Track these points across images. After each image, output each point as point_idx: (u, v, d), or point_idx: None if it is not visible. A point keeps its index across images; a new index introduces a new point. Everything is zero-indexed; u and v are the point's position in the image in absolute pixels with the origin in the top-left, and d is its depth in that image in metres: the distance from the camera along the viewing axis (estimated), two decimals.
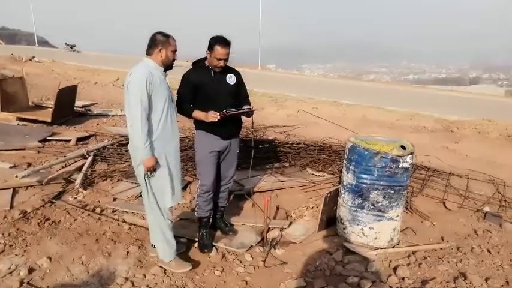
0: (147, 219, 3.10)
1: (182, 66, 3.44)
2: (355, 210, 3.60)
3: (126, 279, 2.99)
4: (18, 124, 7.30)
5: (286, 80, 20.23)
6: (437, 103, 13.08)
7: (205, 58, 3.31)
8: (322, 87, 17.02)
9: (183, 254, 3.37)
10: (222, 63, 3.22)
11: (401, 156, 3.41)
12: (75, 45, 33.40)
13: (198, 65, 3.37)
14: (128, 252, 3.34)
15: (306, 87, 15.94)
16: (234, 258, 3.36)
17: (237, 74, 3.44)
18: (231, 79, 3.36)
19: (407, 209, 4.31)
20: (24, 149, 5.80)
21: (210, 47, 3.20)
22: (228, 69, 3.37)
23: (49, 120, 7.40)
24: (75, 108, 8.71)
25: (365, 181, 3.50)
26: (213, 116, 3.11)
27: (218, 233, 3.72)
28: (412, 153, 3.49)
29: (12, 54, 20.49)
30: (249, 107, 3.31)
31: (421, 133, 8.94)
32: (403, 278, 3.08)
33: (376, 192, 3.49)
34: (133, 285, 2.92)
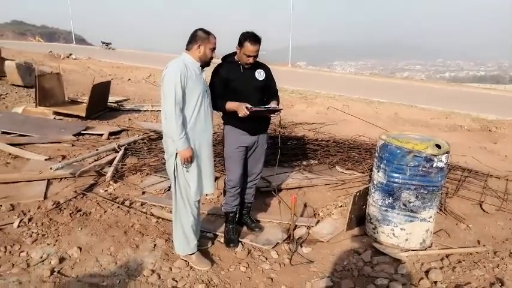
0: (172, 211, 3.12)
1: (214, 63, 3.43)
2: (386, 210, 3.49)
3: (153, 271, 3.01)
4: (55, 118, 7.55)
5: (316, 77, 19.99)
6: (474, 102, 12.57)
7: (235, 53, 3.29)
8: (353, 84, 16.71)
9: (208, 248, 3.37)
10: (251, 59, 3.18)
11: (435, 156, 3.27)
12: (110, 43, 34.34)
13: (228, 59, 3.35)
14: (155, 245, 3.37)
15: (336, 85, 15.71)
16: (260, 255, 3.32)
17: (267, 70, 3.40)
18: (260, 74, 3.32)
19: (441, 210, 4.15)
20: (59, 142, 5.99)
21: (240, 43, 3.17)
22: (257, 65, 3.33)
23: (83, 114, 7.61)
24: (108, 103, 8.92)
25: (396, 180, 3.38)
26: (243, 110, 3.07)
27: (244, 229, 3.69)
28: (447, 153, 3.34)
29: (50, 52, 21.29)
30: (275, 105, 3.26)
31: (457, 132, 8.62)
32: (435, 282, 2.94)
33: (408, 192, 3.36)
34: (159, 277, 2.94)
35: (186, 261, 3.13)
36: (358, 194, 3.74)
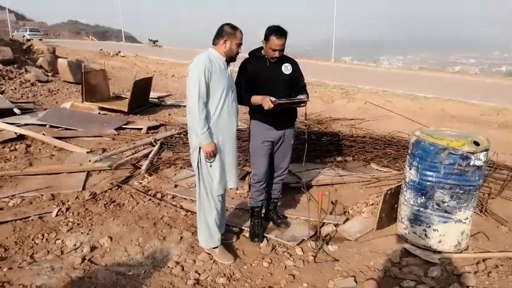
0: (196, 204, 3.16)
1: (241, 58, 3.43)
2: (418, 210, 3.33)
3: (177, 263, 3.07)
4: (99, 113, 7.90)
5: (360, 72, 19.50)
6: None
7: (262, 47, 3.27)
8: (399, 79, 16.11)
9: (233, 243, 3.39)
10: (277, 53, 3.15)
11: (473, 153, 3.07)
12: (157, 41, 35.50)
13: (255, 54, 3.33)
14: (181, 238, 3.43)
15: (381, 80, 15.23)
16: (284, 251, 3.29)
17: (294, 64, 3.35)
18: (286, 68, 3.28)
19: (481, 211, 3.91)
20: (101, 136, 6.27)
21: (266, 37, 3.15)
22: (284, 59, 3.29)
23: (126, 109, 7.91)
24: (150, 98, 9.21)
25: (430, 179, 3.22)
26: (267, 103, 3.03)
27: (270, 224, 3.67)
28: (486, 150, 3.13)
29: (101, 50, 22.30)
30: (301, 97, 3.20)
31: (508, 129, 8.06)
32: (467, 287, 2.78)
33: (442, 191, 3.19)
34: (183, 269, 3.00)
35: (210, 254, 3.16)
36: (389, 192, 3.60)
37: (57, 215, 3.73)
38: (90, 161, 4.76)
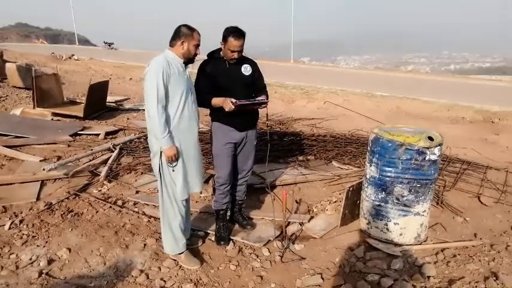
0: (159, 210, 3.08)
1: (200, 60, 3.38)
2: (379, 205, 3.43)
3: (142, 271, 2.98)
4: (52, 119, 7.53)
5: (319, 72, 19.86)
6: (479, 93, 12.38)
7: (220, 49, 3.24)
8: (356, 79, 16.56)
9: (199, 247, 3.33)
10: (235, 55, 3.13)
11: (428, 148, 3.20)
12: (113, 43, 34.46)
13: (213, 56, 3.30)
14: (145, 245, 3.34)
15: (339, 80, 15.58)
16: (251, 253, 3.28)
17: (253, 65, 3.35)
18: (246, 70, 3.27)
19: (438, 203, 4.08)
20: (55, 143, 5.98)
21: (224, 39, 3.12)
22: (243, 60, 3.28)
23: (81, 115, 7.60)
24: (107, 103, 8.90)
25: (389, 174, 3.32)
26: (228, 104, 3.01)
27: (236, 226, 3.65)
28: (440, 145, 3.27)
29: (53, 53, 21.33)
30: (262, 98, 3.20)
31: (458, 124, 8.50)
32: (428, 277, 2.88)
33: (400, 186, 3.30)
34: (147, 277, 2.91)
35: (175, 260, 3.09)
36: (351, 189, 3.68)
37: (10, 228, 3.51)
38: (44, 169, 4.53)
